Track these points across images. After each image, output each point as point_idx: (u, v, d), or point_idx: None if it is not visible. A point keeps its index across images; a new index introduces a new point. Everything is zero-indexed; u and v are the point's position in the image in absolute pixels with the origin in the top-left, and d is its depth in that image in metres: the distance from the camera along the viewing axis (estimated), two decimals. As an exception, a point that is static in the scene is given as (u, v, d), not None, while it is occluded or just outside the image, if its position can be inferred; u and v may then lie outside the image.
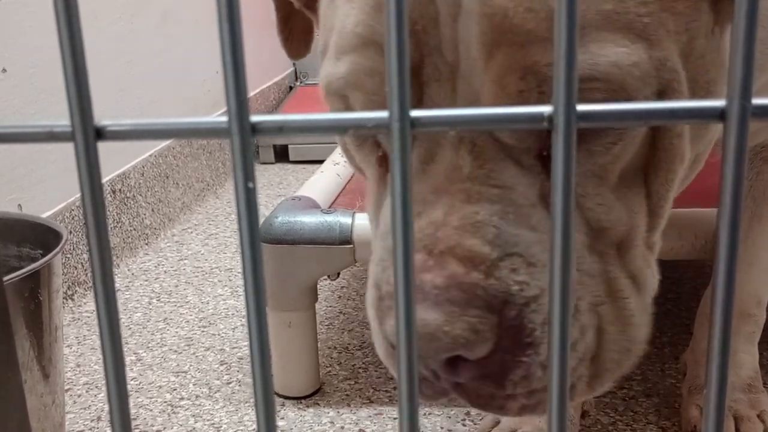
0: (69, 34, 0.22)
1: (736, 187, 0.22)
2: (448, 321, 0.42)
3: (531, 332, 0.44)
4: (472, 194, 0.45)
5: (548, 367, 0.24)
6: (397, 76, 0.21)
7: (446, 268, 0.43)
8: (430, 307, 0.43)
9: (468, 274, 0.43)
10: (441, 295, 0.43)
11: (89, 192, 0.23)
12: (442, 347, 0.43)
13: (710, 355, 0.24)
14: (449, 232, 0.44)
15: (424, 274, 0.44)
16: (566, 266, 0.23)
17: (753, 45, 0.21)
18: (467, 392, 0.46)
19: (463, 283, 0.43)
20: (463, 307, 0.43)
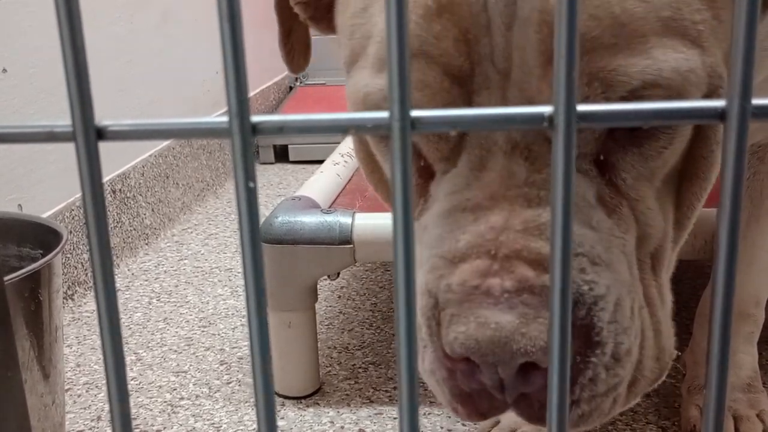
0: (70, 34, 0.22)
1: (736, 187, 0.23)
2: (524, 323, 0.41)
3: (599, 331, 0.43)
4: (532, 198, 0.44)
5: (553, 372, 0.24)
6: (397, 75, 0.21)
7: (515, 272, 0.42)
8: (503, 311, 0.41)
9: (539, 276, 0.42)
10: (513, 298, 0.41)
11: (90, 192, 0.23)
12: (520, 351, 0.41)
13: (710, 355, 0.24)
14: (513, 236, 0.43)
15: (491, 279, 0.42)
16: (566, 264, 0.23)
17: (753, 45, 0.21)
18: (530, 404, 0.44)
19: (534, 286, 0.42)
20: (538, 309, 0.41)
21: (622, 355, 0.44)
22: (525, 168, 0.44)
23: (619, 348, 0.44)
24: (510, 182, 0.44)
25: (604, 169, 0.46)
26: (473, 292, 0.42)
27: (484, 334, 0.41)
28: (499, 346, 0.41)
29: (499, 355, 0.41)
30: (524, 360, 0.41)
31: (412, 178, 0.22)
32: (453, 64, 0.45)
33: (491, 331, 0.41)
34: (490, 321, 0.41)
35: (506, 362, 0.41)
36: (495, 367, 0.42)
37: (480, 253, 0.43)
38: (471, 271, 0.43)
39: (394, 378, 1.10)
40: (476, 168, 0.46)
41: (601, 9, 0.42)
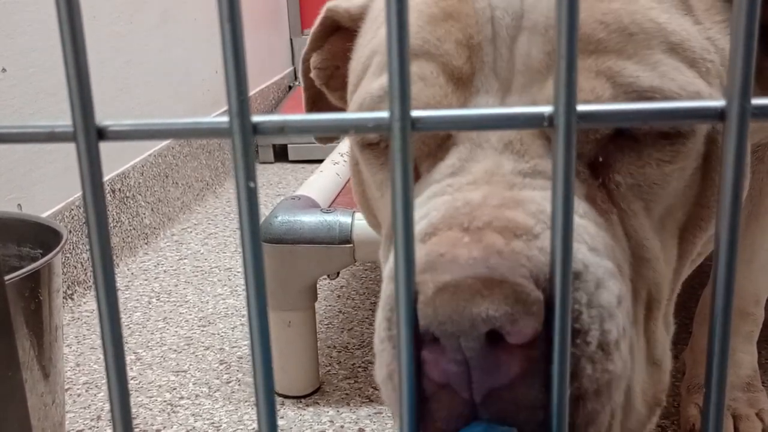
0: (71, 34, 0.22)
1: (736, 187, 0.23)
2: (487, 286, 0.35)
3: (577, 315, 0.37)
4: (515, 183, 0.42)
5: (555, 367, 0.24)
6: (398, 76, 0.21)
7: (483, 240, 0.37)
8: (465, 274, 0.36)
9: (509, 243, 0.37)
10: (478, 264, 0.36)
11: (91, 192, 0.23)
12: (480, 315, 0.34)
13: (709, 354, 0.24)
14: (488, 210, 0.39)
15: (459, 249, 0.37)
16: (566, 271, 0.23)
17: (752, 45, 0.21)
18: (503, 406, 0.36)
19: (503, 251, 0.37)
20: (505, 273, 0.36)
21: (610, 345, 0.38)
22: (513, 160, 0.43)
23: (606, 336, 0.38)
24: (496, 171, 0.42)
25: (598, 171, 0.45)
26: (438, 259, 0.37)
27: (441, 298, 0.35)
28: (457, 309, 0.35)
29: (458, 322, 0.35)
30: (487, 328, 0.35)
31: (412, 178, 0.22)
32: (452, 63, 0.45)
33: (448, 294, 0.35)
34: (449, 284, 0.35)
35: (467, 331, 0.35)
36: (458, 342, 0.35)
37: (451, 224, 0.39)
38: (438, 242, 0.38)
39: (393, 377, 1.10)
40: (464, 159, 0.44)
41: (609, 16, 0.42)
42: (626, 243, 0.44)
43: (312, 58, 0.66)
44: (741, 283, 0.88)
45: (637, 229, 0.44)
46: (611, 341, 0.38)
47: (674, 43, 0.43)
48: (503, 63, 0.44)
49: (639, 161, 0.45)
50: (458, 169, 0.43)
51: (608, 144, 0.45)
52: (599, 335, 0.38)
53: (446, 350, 0.36)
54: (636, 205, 0.45)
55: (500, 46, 0.44)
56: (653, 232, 0.46)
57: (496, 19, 0.44)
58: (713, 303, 0.24)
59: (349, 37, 0.59)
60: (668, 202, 0.46)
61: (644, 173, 0.45)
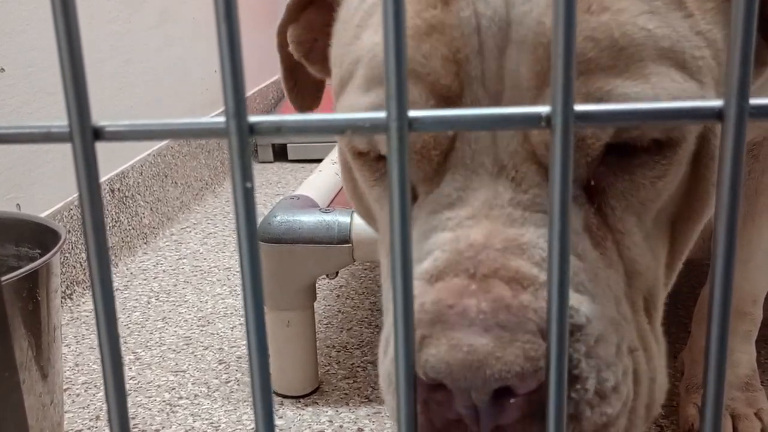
0: (67, 34, 0.22)
1: (734, 186, 0.23)
2: (500, 346, 0.38)
3: (577, 364, 0.40)
4: (516, 218, 0.42)
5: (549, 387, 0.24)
6: (394, 77, 0.21)
7: (492, 291, 0.39)
8: (477, 333, 0.38)
9: (516, 296, 0.39)
10: (489, 319, 0.38)
11: (87, 192, 0.23)
12: (494, 376, 0.37)
13: (708, 353, 0.24)
14: (493, 255, 0.40)
15: (467, 300, 0.39)
16: (563, 267, 0.23)
17: (751, 45, 0.21)
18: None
19: (511, 306, 0.39)
20: (514, 331, 0.38)
21: (607, 392, 0.41)
22: (511, 189, 0.43)
23: (603, 385, 0.41)
24: (494, 202, 0.43)
25: (593, 195, 0.45)
26: (447, 311, 0.39)
27: (455, 357, 0.38)
28: (471, 370, 0.38)
29: (471, 379, 0.38)
30: (498, 385, 0.38)
31: (409, 178, 0.22)
32: (441, 83, 0.43)
33: (463, 354, 0.38)
34: (463, 343, 0.38)
35: (479, 387, 0.38)
36: (468, 393, 0.39)
37: (458, 271, 0.41)
38: (447, 289, 0.40)
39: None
40: (460, 188, 0.44)
41: (599, 31, 0.42)
42: (620, 264, 0.45)
43: (288, 31, 0.65)
44: (739, 283, 0.88)
45: (630, 247, 0.46)
46: (608, 388, 0.41)
47: (665, 48, 0.43)
48: (492, 76, 0.43)
49: (632, 184, 0.45)
50: (456, 200, 0.44)
51: (599, 166, 0.44)
52: (596, 383, 0.41)
53: (457, 398, 0.39)
54: (629, 224, 0.46)
55: (488, 58, 0.43)
56: (645, 241, 0.46)
57: (482, 28, 0.43)
58: (711, 302, 0.24)
59: (326, 9, 0.57)
60: (660, 207, 0.47)
61: (639, 194, 0.45)
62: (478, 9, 0.43)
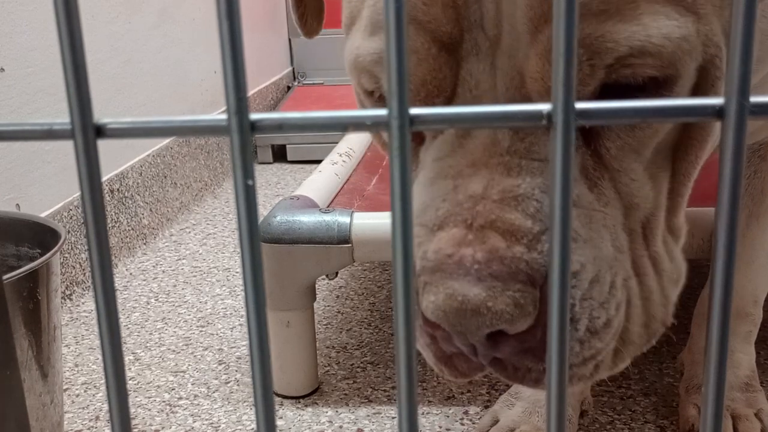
0: (69, 33, 0.22)
1: (734, 185, 0.23)
2: (491, 296, 0.41)
3: (570, 308, 0.43)
4: (512, 167, 0.44)
5: (548, 354, 0.24)
6: (396, 74, 0.21)
7: (487, 242, 0.42)
8: (472, 282, 0.42)
9: (510, 248, 0.42)
10: (483, 269, 0.42)
11: (89, 190, 0.23)
12: (485, 322, 0.42)
13: (708, 354, 0.24)
14: (489, 206, 0.43)
15: (464, 249, 0.42)
16: (564, 261, 0.23)
17: (751, 43, 0.21)
18: (504, 366, 0.45)
19: (505, 257, 0.42)
20: (506, 281, 0.41)
21: (598, 328, 0.44)
22: (508, 136, 0.44)
23: (594, 322, 0.44)
24: (492, 149, 0.44)
25: (588, 138, 0.46)
26: (446, 260, 0.42)
27: (450, 306, 0.42)
28: (465, 318, 0.42)
29: (465, 325, 0.42)
30: (490, 330, 0.42)
31: (411, 175, 0.22)
32: (442, 30, 0.44)
33: (458, 304, 0.41)
34: (458, 293, 0.41)
35: (473, 332, 0.42)
36: (465, 335, 0.43)
37: (457, 221, 0.43)
38: (446, 239, 0.43)
39: (392, 377, 1.10)
40: (461, 134, 0.46)
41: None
42: (617, 200, 0.47)
43: None
44: (740, 284, 0.88)
45: (627, 183, 0.47)
46: (600, 325, 0.45)
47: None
48: (490, 20, 0.44)
49: (628, 126, 0.46)
50: (457, 147, 0.46)
51: None
52: (588, 322, 0.44)
53: (453, 336, 0.44)
54: (626, 162, 0.47)
55: (486, 1, 0.44)
56: (644, 173, 0.48)
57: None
58: (711, 303, 0.24)
59: None
60: (658, 140, 0.48)
61: (634, 134, 0.46)
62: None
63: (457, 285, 0.42)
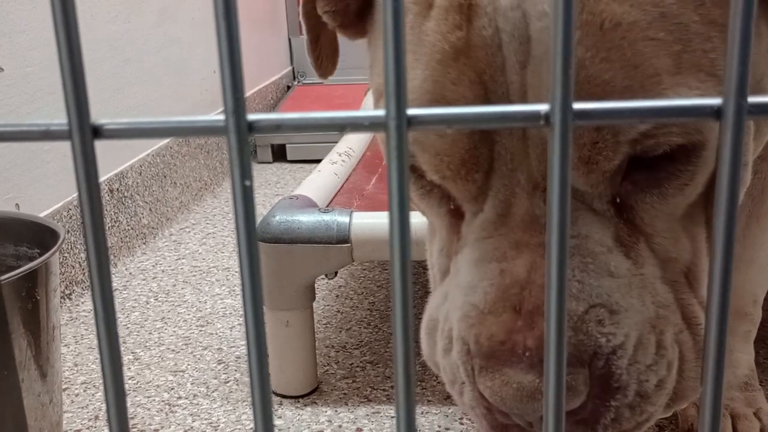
0: (66, 33, 0.22)
1: (732, 185, 0.23)
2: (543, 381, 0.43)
3: (618, 378, 0.45)
4: None
5: (546, 378, 0.24)
6: (393, 74, 0.21)
7: (535, 329, 0.45)
8: (525, 370, 0.44)
9: None
10: (534, 356, 0.44)
11: (86, 191, 0.23)
12: (540, 407, 0.44)
13: (706, 353, 0.24)
14: (536, 291, 0.45)
15: (515, 336, 0.45)
16: (561, 262, 0.23)
17: (749, 42, 0.21)
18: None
19: None
20: None
21: (649, 392, 0.46)
22: (545, 212, 0.46)
23: (643, 386, 0.46)
24: (532, 228, 0.47)
25: (621, 211, 0.47)
26: (500, 347, 0.45)
27: (507, 393, 0.45)
28: (521, 403, 0.44)
29: (522, 410, 0.45)
30: None
31: (408, 177, 0.22)
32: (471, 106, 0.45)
33: (513, 391, 0.44)
34: (513, 380, 0.44)
35: (529, 414, 0.45)
36: (522, 417, 0.46)
37: (506, 307, 0.46)
38: (498, 325, 0.46)
39: (391, 377, 1.10)
40: (501, 212, 0.48)
41: (613, 52, 0.42)
42: (653, 258, 0.48)
43: (318, 3, 0.65)
44: (740, 283, 0.88)
45: (662, 242, 0.48)
46: (650, 388, 0.47)
47: (676, 52, 0.43)
48: (515, 92, 0.44)
49: (660, 196, 0.47)
50: (499, 226, 0.48)
51: (624, 183, 0.46)
52: (637, 387, 0.46)
53: (513, 416, 0.47)
54: (660, 225, 0.48)
55: (510, 73, 0.44)
56: (677, 229, 0.49)
57: (504, 44, 0.44)
58: (709, 302, 0.24)
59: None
60: (691, 201, 0.48)
61: (666, 203, 0.47)
62: (499, 25, 0.44)
63: (512, 372, 0.45)
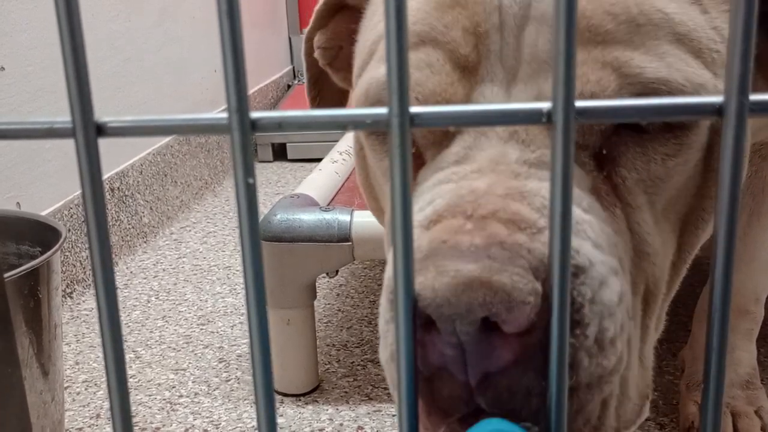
0: (69, 31, 0.22)
1: (734, 183, 0.23)
2: (485, 272, 0.36)
3: (579, 308, 0.38)
4: (520, 173, 0.41)
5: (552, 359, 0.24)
6: (396, 72, 0.21)
7: (486, 229, 0.38)
8: (466, 261, 0.36)
9: (511, 235, 0.38)
10: (480, 252, 0.37)
11: (90, 188, 0.23)
12: (477, 299, 0.35)
13: (708, 351, 0.24)
14: (493, 199, 0.39)
15: (461, 236, 0.38)
16: (564, 263, 0.23)
17: (751, 41, 0.21)
18: (498, 392, 0.37)
19: (505, 242, 0.37)
20: (504, 263, 0.36)
21: (606, 343, 0.39)
22: (518, 149, 0.43)
23: (603, 334, 0.39)
24: (500, 159, 0.42)
25: (603, 163, 0.45)
26: (440, 246, 0.38)
27: (441, 281, 0.36)
28: (455, 294, 0.35)
29: (455, 305, 0.35)
30: (483, 313, 0.35)
31: (411, 174, 0.22)
32: (459, 51, 0.45)
33: (449, 278, 0.36)
34: (450, 269, 0.36)
35: (463, 315, 0.35)
36: (453, 325, 0.36)
37: (455, 212, 0.39)
38: (441, 229, 0.39)
39: (392, 375, 1.10)
40: (468, 147, 0.44)
41: (618, 6, 0.43)
42: (629, 237, 0.45)
43: (316, 37, 0.66)
44: (742, 282, 0.88)
45: (640, 223, 0.45)
46: (608, 338, 0.39)
47: (681, 33, 0.44)
48: (510, 52, 0.44)
49: (644, 156, 0.45)
50: (463, 158, 0.44)
51: (612, 136, 0.45)
52: (597, 331, 0.39)
53: (442, 333, 0.36)
54: (640, 200, 0.46)
55: (507, 34, 0.44)
56: (655, 226, 0.46)
57: (503, 7, 0.44)
58: (711, 301, 0.24)
59: (353, 17, 0.58)
60: (671, 194, 0.47)
61: (649, 168, 0.45)
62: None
63: (449, 263, 0.37)
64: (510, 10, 0.44)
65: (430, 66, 0.45)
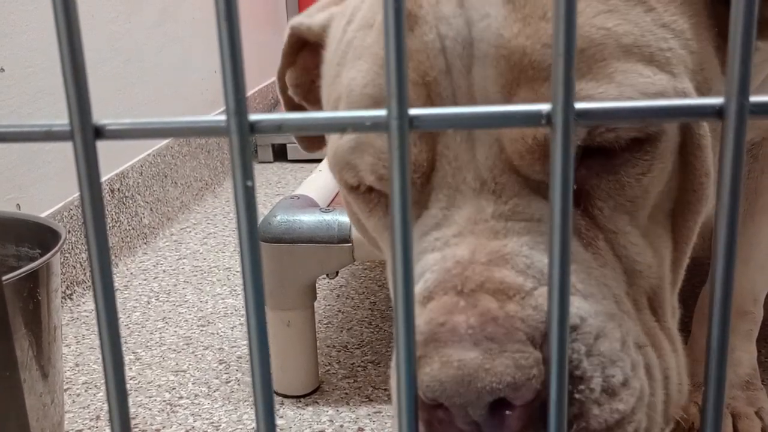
0: (68, 33, 0.22)
1: (734, 185, 0.23)
2: (488, 358, 0.38)
3: (578, 364, 0.40)
4: (498, 230, 0.43)
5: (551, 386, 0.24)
6: (395, 74, 0.21)
7: (478, 305, 0.40)
8: (468, 348, 0.38)
9: (502, 307, 0.40)
10: (477, 333, 0.39)
11: (88, 191, 0.23)
12: (486, 388, 0.38)
13: (708, 352, 0.24)
14: (478, 269, 0.41)
15: (457, 316, 0.40)
16: (564, 261, 0.23)
17: (751, 43, 0.21)
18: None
19: (498, 318, 0.39)
20: (503, 342, 0.38)
21: (616, 388, 0.41)
22: (492, 202, 0.43)
23: (610, 381, 0.40)
24: (477, 217, 0.43)
25: (577, 199, 0.45)
26: (439, 329, 0.40)
27: (447, 374, 0.38)
28: (463, 385, 0.38)
29: (465, 395, 0.38)
30: (492, 398, 0.38)
31: (410, 177, 0.22)
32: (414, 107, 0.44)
33: (454, 370, 0.38)
34: (454, 359, 0.38)
35: (474, 402, 0.38)
36: (466, 410, 0.39)
37: (447, 288, 0.41)
38: (437, 308, 0.41)
39: (393, 376, 1.10)
40: (445, 208, 0.45)
41: None
42: (618, 264, 0.45)
43: (287, 75, 0.66)
44: (739, 282, 0.88)
45: (627, 246, 0.46)
46: (617, 383, 0.41)
47: (628, 44, 0.43)
48: (462, 95, 0.44)
49: (617, 183, 0.45)
50: (442, 220, 0.45)
51: (580, 168, 0.44)
52: (602, 381, 0.40)
53: (455, 413, 0.39)
54: (621, 223, 0.45)
55: (456, 77, 0.43)
56: (643, 239, 0.46)
57: (447, 49, 0.43)
58: (712, 301, 0.24)
59: (317, 50, 0.58)
60: (654, 202, 0.47)
61: (625, 193, 0.45)
62: (441, 31, 0.44)
63: (452, 351, 0.39)
64: (454, 52, 0.43)
65: None
